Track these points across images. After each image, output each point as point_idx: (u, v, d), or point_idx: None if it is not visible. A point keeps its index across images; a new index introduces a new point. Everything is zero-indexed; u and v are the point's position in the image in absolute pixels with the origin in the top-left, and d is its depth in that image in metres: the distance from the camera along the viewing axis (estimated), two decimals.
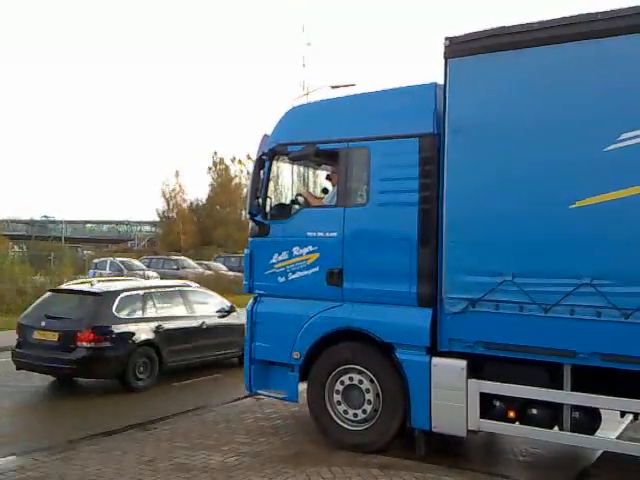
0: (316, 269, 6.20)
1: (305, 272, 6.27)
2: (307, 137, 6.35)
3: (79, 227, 63.76)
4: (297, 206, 6.73)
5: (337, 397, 6.13)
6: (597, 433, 5.37)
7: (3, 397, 8.89)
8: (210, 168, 51.90)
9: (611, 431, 5.80)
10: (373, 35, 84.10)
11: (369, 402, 5.95)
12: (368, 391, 5.95)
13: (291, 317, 6.32)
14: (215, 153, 51.63)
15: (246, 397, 8.01)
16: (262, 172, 6.52)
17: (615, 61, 4.90)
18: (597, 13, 4.94)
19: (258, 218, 6.55)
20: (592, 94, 5.00)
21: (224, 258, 35.97)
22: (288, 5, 67.85)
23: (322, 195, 7.07)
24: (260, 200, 6.52)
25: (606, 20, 4.91)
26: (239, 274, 29.27)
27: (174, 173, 51.65)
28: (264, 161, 6.52)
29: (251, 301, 6.77)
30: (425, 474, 5.45)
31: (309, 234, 6.28)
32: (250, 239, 6.75)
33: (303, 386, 6.46)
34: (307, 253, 6.26)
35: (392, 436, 5.88)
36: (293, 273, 6.34)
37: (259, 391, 6.77)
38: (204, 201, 52.31)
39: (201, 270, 31.19)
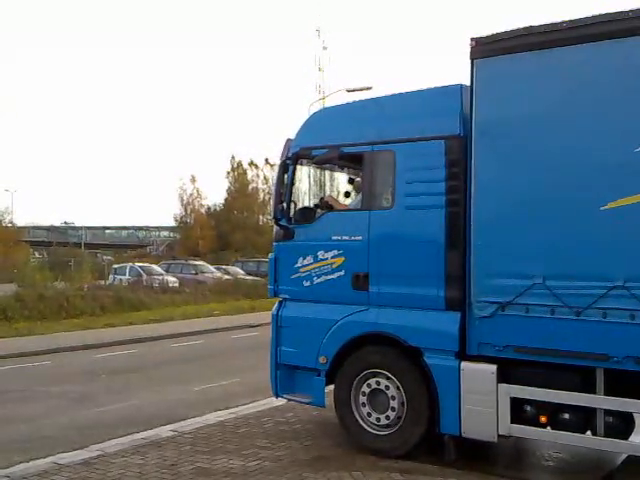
0: (341, 273, 6.17)
1: (330, 276, 6.23)
2: (331, 141, 6.32)
3: (99, 233, 64.39)
4: (321, 210, 6.70)
5: (362, 399, 6.09)
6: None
7: (27, 402, 8.99)
8: (228, 173, 52.17)
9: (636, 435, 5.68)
10: (389, 39, 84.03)
11: (393, 409, 5.90)
12: (393, 398, 5.90)
13: (317, 321, 6.29)
14: (233, 157, 51.94)
15: (266, 401, 8.02)
16: (286, 176, 6.51)
17: None
18: (627, 11, 4.86)
19: (282, 222, 6.53)
20: (622, 93, 4.91)
21: (242, 263, 36.13)
22: (304, 9, 67.97)
23: (345, 199, 7.04)
24: (284, 204, 6.50)
25: (635, 18, 4.83)
26: (257, 278, 29.34)
27: (190, 178, 51.86)
28: (288, 165, 6.50)
29: (276, 305, 6.76)
30: (447, 479, 5.39)
31: (334, 238, 6.25)
32: (275, 243, 6.74)
33: (328, 389, 6.42)
34: (332, 257, 6.23)
35: (412, 445, 5.82)
36: (318, 277, 6.31)
37: (285, 396, 6.74)
38: (221, 206, 52.56)
39: (219, 274, 31.38)
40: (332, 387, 6.38)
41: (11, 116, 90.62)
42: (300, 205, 6.84)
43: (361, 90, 23.39)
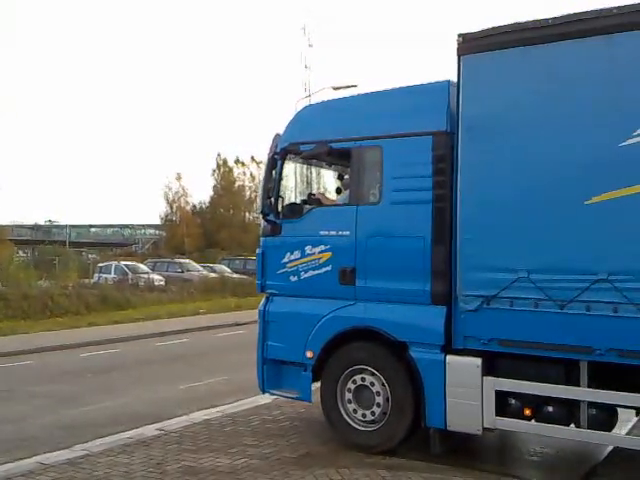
0: (328, 268, 6.19)
1: (317, 271, 6.25)
2: (319, 136, 6.34)
3: (83, 231, 63.72)
4: (309, 205, 6.71)
5: (348, 395, 6.11)
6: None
7: (11, 402, 8.90)
8: (214, 170, 51.97)
9: (619, 429, 5.73)
10: (375, 36, 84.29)
11: (378, 405, 5.93)
12: (379, 394, 5.93)
13: (304, 316, 6.30)
14: (219, 155, 51.75)
15: (252, 399, 8.02)
16: (274, 171, 6.51)
17: (630, 56, 4.87)
18: (612, 8, 4.92)
19: (270, 217, 6.54)
20: (607, 89, 4.97)
21: (228, 261, 36.00)
22: (290, 6, 68.10)
23: (336, 195, 7.06)
24: (272, 199, 6.51)
25: (621, 15, 4.89)
26: (244, 276, 29.25)
27: (176, 176, 51.57)
28: (276, 160, 6.51)
29: (263, 300, 6.76)
30: (433, 474, 5.42)
31: (321, 233, 6.27)
32: (262, 238, 6.75)
33: (315, 385, 6.43)
34: (319, 252, 6.24)
35: (398, 441, 5.87)
36: (305, 272, 6.32)
37: (271, 391, 6.74)
38: (207, 204, 52.36)
39: (205, 273, 31.22)
40: (319, 384, 6.37)
41: (11, 116, 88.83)
42: (288, 200, 6.84)
43: (347, 88, 23.44)
